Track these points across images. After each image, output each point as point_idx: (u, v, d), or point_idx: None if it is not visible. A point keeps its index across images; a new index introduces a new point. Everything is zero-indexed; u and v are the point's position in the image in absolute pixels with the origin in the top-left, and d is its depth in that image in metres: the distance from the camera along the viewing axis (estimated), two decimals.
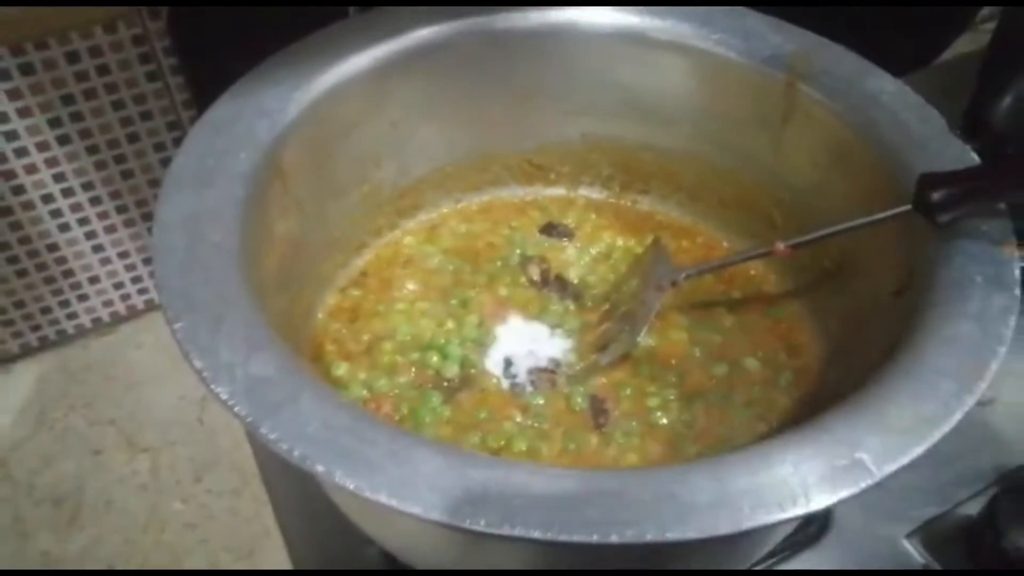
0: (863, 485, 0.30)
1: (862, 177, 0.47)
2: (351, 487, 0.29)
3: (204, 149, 0.43)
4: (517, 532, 0.28)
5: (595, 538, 0.28)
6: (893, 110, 0.46)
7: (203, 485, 0.61)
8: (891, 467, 0.30)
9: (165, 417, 0.64)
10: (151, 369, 0.67)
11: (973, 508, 0.52)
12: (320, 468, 0.30)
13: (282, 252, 0.45)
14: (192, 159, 0.42)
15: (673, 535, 0.28)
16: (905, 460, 0.30)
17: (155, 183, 0.64)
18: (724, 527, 0.28)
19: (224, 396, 0.32)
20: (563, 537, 0.28)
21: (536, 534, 0.28)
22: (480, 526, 0.28)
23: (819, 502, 0.29)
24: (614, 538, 0.28)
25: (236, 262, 0.38)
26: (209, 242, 0.38)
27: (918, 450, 0.31)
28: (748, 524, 0.28)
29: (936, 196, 0.39)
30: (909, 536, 0.51)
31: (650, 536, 0.28)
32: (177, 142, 0.62)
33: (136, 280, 0.70)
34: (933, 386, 0.33)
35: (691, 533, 0.28)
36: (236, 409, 0.31)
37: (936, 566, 0.50)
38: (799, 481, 0.30)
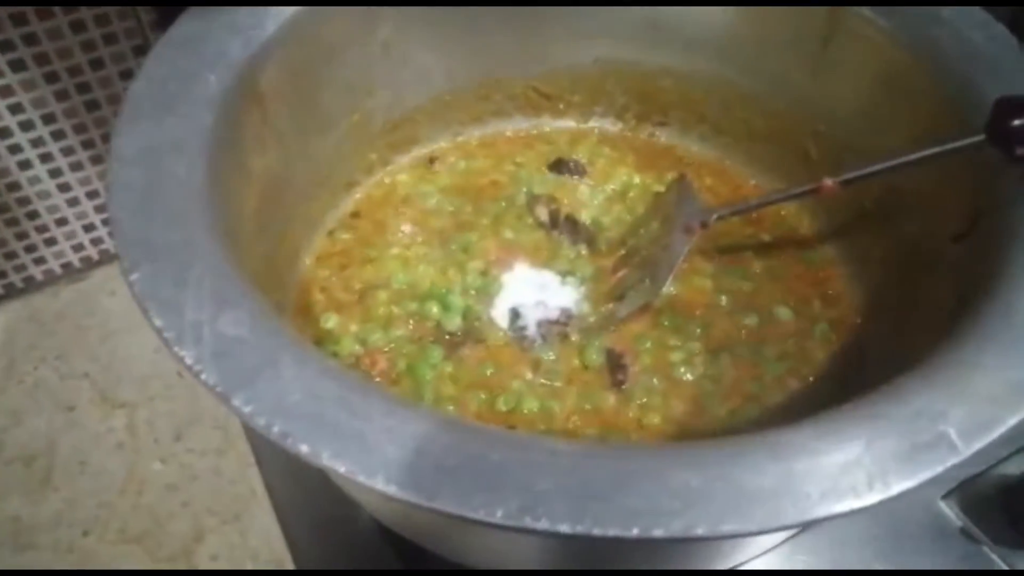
0: (949, 463, 0.25)
1: (917, 104, 0.41)
2: (342, 471, 0.25)
3: (167, 72, 0.37)
4: (542, 525, 0.23)
5: (636, 532, 0.23)
6: (955, 28, 0.41)
7: (184, 444, 0.57)
8: (980, 442, 0.26)
9: (143, 370, 0.60)
10: (127, 318, 0.63)
11: (1013, 468, 0.48)
12: (304, 448, 0.25)
13: (260, 190, 0.40)
14: (153, 83, 0.36)
15: (730, 527, 0.23)
16: (996, 433, 0.26)
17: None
18: (791, 517, 0.24)
19: (189, 360, 0.27)
20: (597, 531, 0.23)
21: (564, 528, 0.23)
22: (496, 518, 0.23)
23: (899, 487, 0.25)
24: (659, 532, 0.23)
25: (204, 201, 0.33)
26: (173, 177, 0.33)
27: (1011, 421, 0.26)
28: (818, 514, 0.24)
29: (1017, 123, 0.34)
30: (946, 497, 0.48)
31: (701, 530, 0.23)
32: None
33: (108, 221, 0.64)
34: (1022, 346, 0.28)
35: (752, 526, 0.23)
36: (203, 376, 0.26)
37: (974, 527, 0.47)
38: (874, 461, 0.25)
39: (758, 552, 0.40)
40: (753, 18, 0.47)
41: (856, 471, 0.25)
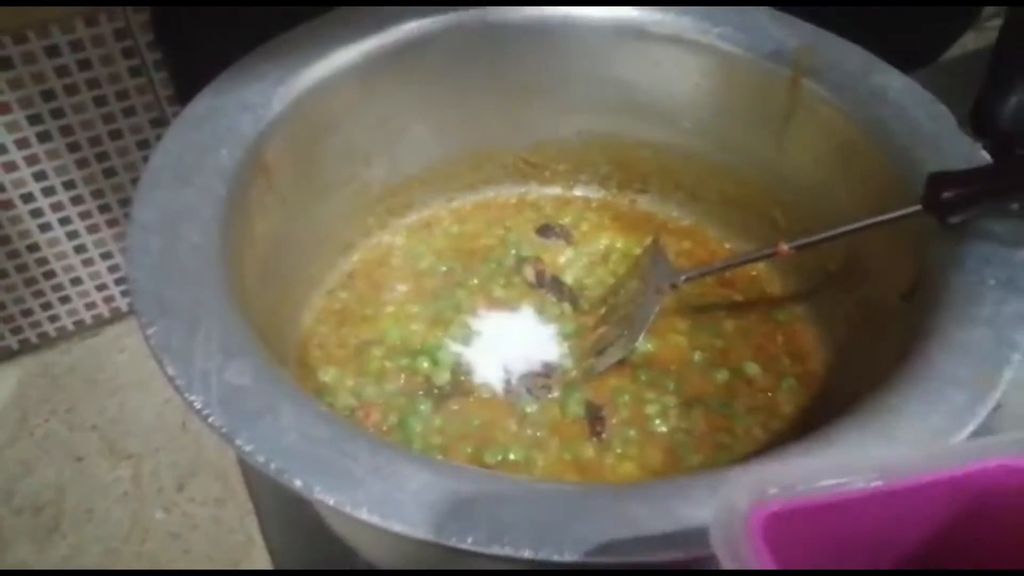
0: None
1: (869, 176, 0.45)
2: (331, 503, 0.28)
3: (184, 145, 0.41)
4: (507, 552, 0.26)
5: (588, 558, 0.26)
6: (901, 107, 0.45)
7: (186, 493, 0.59)
8: None
9: (148, 423, 0.63)
10: (135, 373, 0.66)
11: None
12: (298, 483, 0.28)
13: (265, 252, 0.44)
14: (171, 156, 0.40)
15: (668, 556, 0.26)
16: None
17: (138, 181, 0.63)
18: None
19: (198, 405, 0.30)
20: (555, 557, 0.26)
21: (527, 554, 0.26)
22: (467, 544, 0.26)
23: None
24: (614, 559, 0.26)
25: (215, 263, 0.36)
26: (187, 242, 0.36)
27: None
28: None
29: (947, 195, 0.37)
30: None
31: (644, 556, 0.26)
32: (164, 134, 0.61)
33: (120, 281, 0.68)
34: (944, 396, 0.32)
35: (690, 553, 0.26)
36: (210, 419, 0.29)
37: None
38: None
39: None
40: (720, 95, 0.51)
41: None
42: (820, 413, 0.47)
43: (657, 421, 0.46)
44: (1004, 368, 0.33)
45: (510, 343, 0.50)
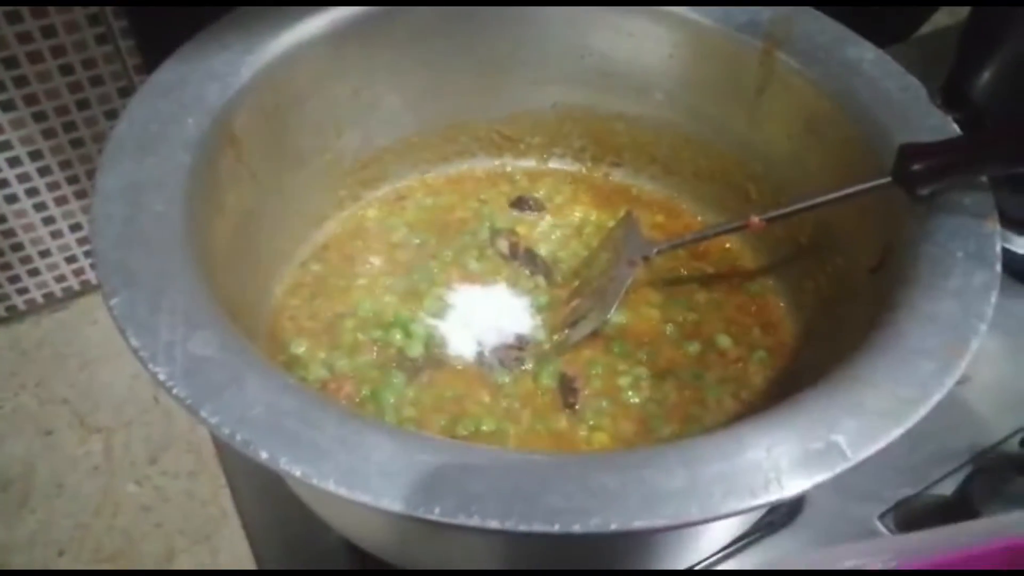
0: (838, 469, 0.28)
1: (839, 148, 0.45)
2: (297, 474, 0.27)
3: (148, 115, 0.40)
4: (474, 522, 0.26)
5: (556, 528, 0.26)
6: (873, 79, 0.45)
7: (158, 467, 0.59)
8: (867, 451, 0.29)
9: (119, 396, 0.62)
10: (105, 346, 0.65)
11: (947, 487, 0.51)
12: (264, 454, 0.28)
13: (235, 224, 0.43)
14: (136, 125, 0.40)
15: (641, 523, 0.26)
16: (882, 443, 0.29)
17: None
18: (695, 514, 0.27)
19: (162, 377, 0.30)
20: (523, 527, 0.26)
21: (494, 524, 0.26)
22: (434, 515, 0.26)
23: (793, 488, 0.28)
24: (577, 528, 0.26)
25: (181, 234, 0.36)
26: (152, 212, 0.36)
27: (895, 433, 0.29)
28: (720, 511, 0.27)
29: (916, 167, 0.38)
30: (882, 516, 0.50)
31: (615, 525, 0.26)
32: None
33: (89, 254, 0.67)
34: (911, 366, 0.32)
35: (660, 521, 0.26)
36: (175, 391, 0.29)
37: None
38: (772, 465, 0.28)
39: (707, 553, 0.43)
40: (693, 67, 0.51)
41: (755, 474, 0.28)
42: (790, 384, 0.47)
43: (629, 392, 0.46)
44: (971, 338, 0.33)
45: (483, 315, 0.50)
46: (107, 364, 0.64)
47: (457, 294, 0.51)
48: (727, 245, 0.54)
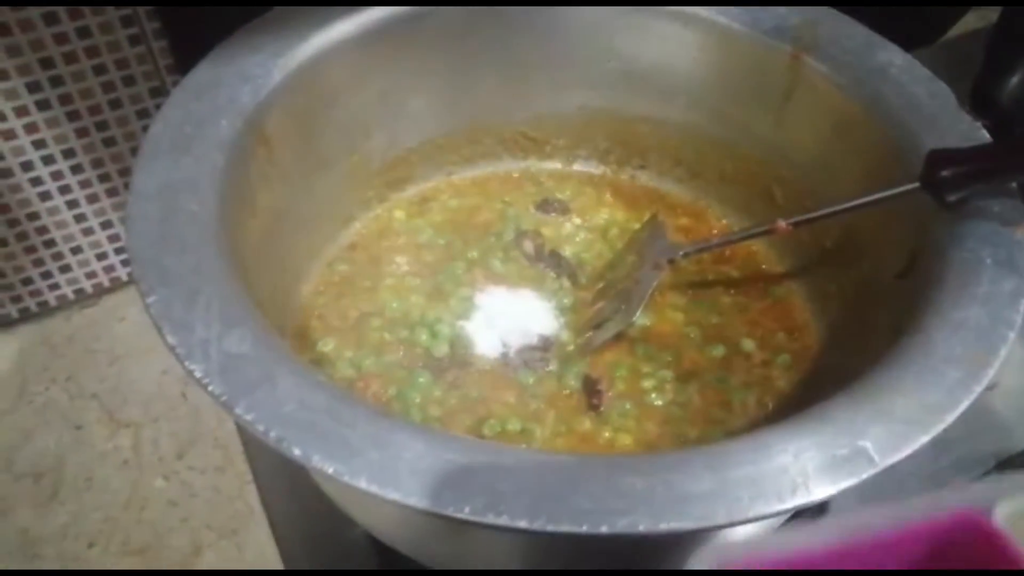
0: (865, 475, 0.28)
1: (867, 153, 0.45)
2: (329, 471, 0.28)
3: (183, 116, 0.41)
4: (503, 521, 0.26)
5: (585, 528, 0.26)
6: (901, 84, 0.45)
7: (186, 462, 0.60)
8: (894, 457, 0.29)
9: (148, 392, 0.63)
10: (135, 342, 0.66)
11: None
12: (297, 451, 0.28)
13: (265, 223, 0.44)
14: (170, 126, 0.40)
15: (668, 525, 0.27)
16: (908, 450, 0.29)
17: (138, 151, 0.63)
18: (721, 517, 0.27)
19: (198, 374, 0.30)
20: (551, 527, 0.26)
21: (523, 523, 0.26)
22: (464, 514, 0.27)
23: (819, 492, 0.28)
24: (604, 529, 0.26)
25: (215, 233, 0.36)
26: (186, 212, 0.36)
27: (922, 440, 0.29)
28: (747, 515, 0.27)
29: (946, 173, 0.37)
30: None
31: (643, 527, 0.26)
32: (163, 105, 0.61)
33: (120, 251, 0.68)
34: (939, 373, 0.32)
35: (688, 523, 0.27)
36: (210, 388, 0.30)
37: None
38: (799, 470, 0.28)
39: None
40: (720, 71, 0.51)
41: (782, 479, 0.28)
42: (815, 388, 0.47)
43: (653, 395, 0.47)
44: (999, 346, 0.33)
45: (509, 316, 0.50)
46: (136, 360, 0.65)
47: (482, 295, 0.51)
48: (752, 248, 0.54)
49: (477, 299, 0.51)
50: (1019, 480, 0.24)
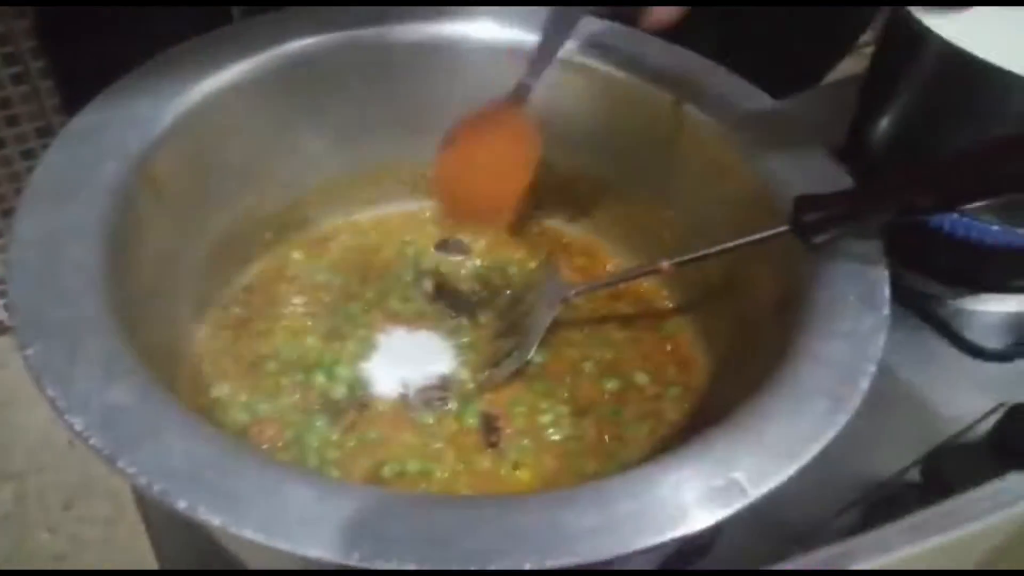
0: (738, 506, 0.30)
1: (744, 197, 0.48)
2: (216, 522, 0.28)
3: (67, 161, 0.40)
4: (392, 565, 0.27)
5: (472, 567, 0.27)
6: (773, 131, 0.48)
7: (74, 513, 0.57)
8: (765, 487, 0.31)
9: (33, 441, 0.60)
10: (18, 390, 0.63)
11: (852, 518, 0.53)
12: (182, 504, 0.28)
13: (156, 268, 0.43)
14: (54, 172, 0.40)
15: (553, 562, 0.27)
16: (779, 480, 0.31)
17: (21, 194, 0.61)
18: (605, 552, 0.28)
19: (79, 427, 0.30)
20: (440, 567, 0.27)
21: (412, 566, 0.27)
22: (353, 560, 0.27)
23: (697, 523, 0.29)
24: (492, 567, 0.27)
25: (100, 281, 0.36)
26: (70, 259, 0.36)
27: (791, 469, 0.31)
28: (629, 548, 0.28)
29: (809, 217, 0.40)
30: (793, 546, 0.52)
31: (529, 564, 0.27)
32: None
33: (3, 295, 0.65)
34: (806, 405, 0.34)
35: (573, 559, 0.28)
36: (91, 441, 0.29)
37: None
38: (678, 503, 0.30)
39: None
40: (609, 117, 0.53)
41: (663, 511, 0.29)
42: (703, 419, 0.49)
43: (551, 430, 0.48)
44: (862, 379, 0.36)
45: (408, 356, 0.50)
46: (20, 409, 0.62)
47: (381, 335, 0.51)
48: (644, 286, 0.56)
49: (375, 340, 0.51)
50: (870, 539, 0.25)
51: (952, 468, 0.54)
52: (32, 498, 0.58)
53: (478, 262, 0.57)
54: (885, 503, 0.51)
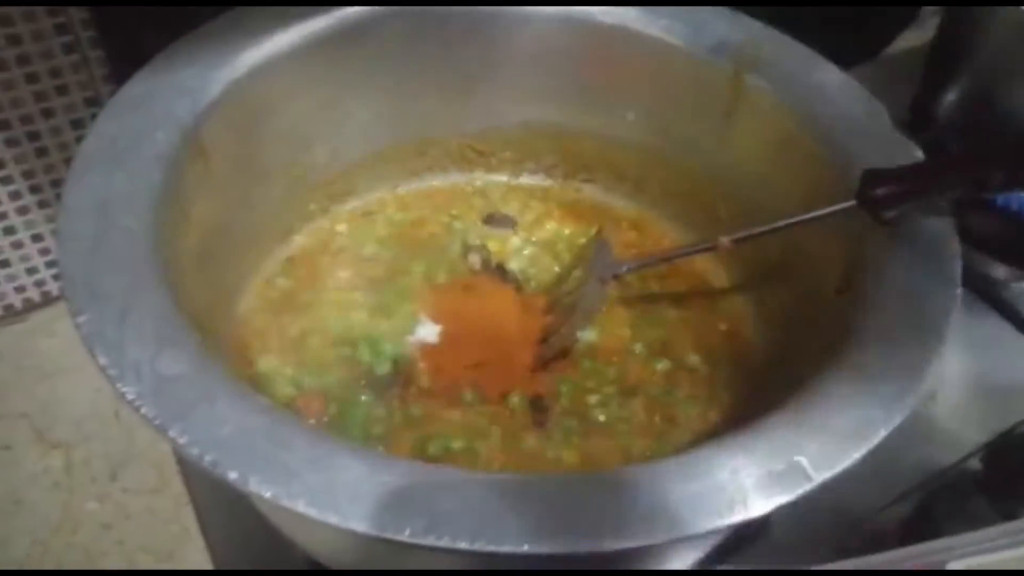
0: (801, 491, 0.29)
1: (806, 170, 0.46)
2: (267, 495, 0.27)
3: (117, 129, 0.40)
4: (443, 543, 0.26)
5: (526, 548, 0.26)
6: (839, 103, 0.46)
7: (120, 483, 0.58)
8: (829, 472, 0.29)
9: (80, 411, 0.61)
10: (66, 359, 0.64)
11: (910, 505, 0.52)
12: (233, 475, 0.27)
13: (203, 238, 0.42)
14: (104, 140, 0.39)
15: (610, 544, 0.26)
16: (844, 465, 0.30)
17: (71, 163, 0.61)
18: (660, 535, 0.27)
19: (131, 396, 0.29)
20: (491, 548, 0.26)
21: (463, 545, 0.26)
22: (404, 536, 0.26)
23: (757, 509, 0.28)
24: (545, 548, 0.26)
25: (149, 249, 0.35)
26: (120, 227, 0.35)
27: (857, 455, 0.30)
28: (684, 532, 0.27)
29: (880, 192, 0.38)
30: (847, 532, 0.51)
31: (585, 546, 0.26)
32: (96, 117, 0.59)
33: (51, 264, 0.66)
34: (873, 387, 0.32)
35: (627, 542, 0.27)
36: (143, 410, 0.29)
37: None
38: (737, 487, 0.28)
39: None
40: (664, 88, 0.52)
41: (721, 496, 0.28)
42: (758, 402, 0.48)
43: (598, 411, 0.47)
44: (932, 360, 0.34)
45: None
46: (67, 378, 0.62)
47: (426, 309, 0.50)
48: (697, 263, 0.55)
49: (421, 314, 0.50)
50: (970, 539, 0.24)
51: (1016, 458, 0.52)
52: (79, 467, 0.59)
53: (525, 236, 0.56)
54: (944, 492, 0.50)
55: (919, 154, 0.43)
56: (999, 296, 0.56)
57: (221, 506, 0.50)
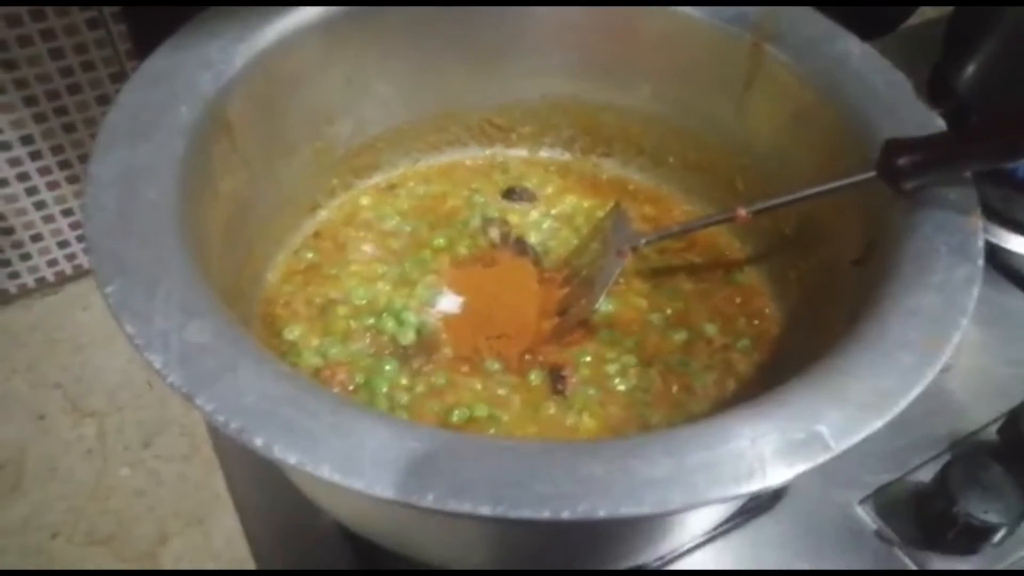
0: (820, 459, 0.29)
1: (826, 142, 0.46)
2: (292, 461, 0.28)
3: (141, 102, 0.40)
4: (465, 508, 0.27)
5: (546, 514, 0.27)
6: (859, 73, 0.45)
7: (152, 450, 0.59)
8: (849, 441, 0.29)
9: (113, 380, 0.62)
10: (98, 331, 0.65)
11: (926, 474, 0.52)
12: (259, 441, 0.28)
13: (228, 211, 0.43)
14: (128, 113, 0.40)
15: (627, 510, 0.27)
16: (863, 434, 0.30)
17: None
18: (679, 502, 0.28)
19: (158, 365, 0.30)
20: (513, 513, 0.27)
21: (485, 510, 0.27)
22: (427, 502, 0.27)
23: (776, 477, 0.28)
24: (566, 514, 0.27)
25: (175, 221, 0.36)
26: (145, 200, 0.36)
27: (877, 424, 0.30)
28: (703, 499, 0.28)
29: (902, 162, 0.38)
30: (862, 502, 0.51)
31: (603, 512, 0.27)
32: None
33: (82, 238, 0.67)
34: (893, 358, 0.33)
35: (645, 508, 0.27)
36: (170, 379, 0.30)
37: (887, 530, 0.50)
38: (756, 455, 0.29)
39: (691, 537, 0.44)
40: (681, 60, 0.51)
41: (739, 463, 0.28)
42: (775, 372, 0.48)
43: (617, 380, 0.47)
44: (952, 332, 0.34)
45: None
46: (100, 349, 0.64)
47: (448, 281, 0.51)
48: (714, 235, 0.55)
49: (443, 285, 0.51)
50: None
51: None
52: (112, 435, 0.60)
53: (544, 209, 0.56)
54: (960, 462, 0.50)
55: (941, 124, 0.42)
56: (1014, 268, 0.56)
57: (251, 472, 0.51)
